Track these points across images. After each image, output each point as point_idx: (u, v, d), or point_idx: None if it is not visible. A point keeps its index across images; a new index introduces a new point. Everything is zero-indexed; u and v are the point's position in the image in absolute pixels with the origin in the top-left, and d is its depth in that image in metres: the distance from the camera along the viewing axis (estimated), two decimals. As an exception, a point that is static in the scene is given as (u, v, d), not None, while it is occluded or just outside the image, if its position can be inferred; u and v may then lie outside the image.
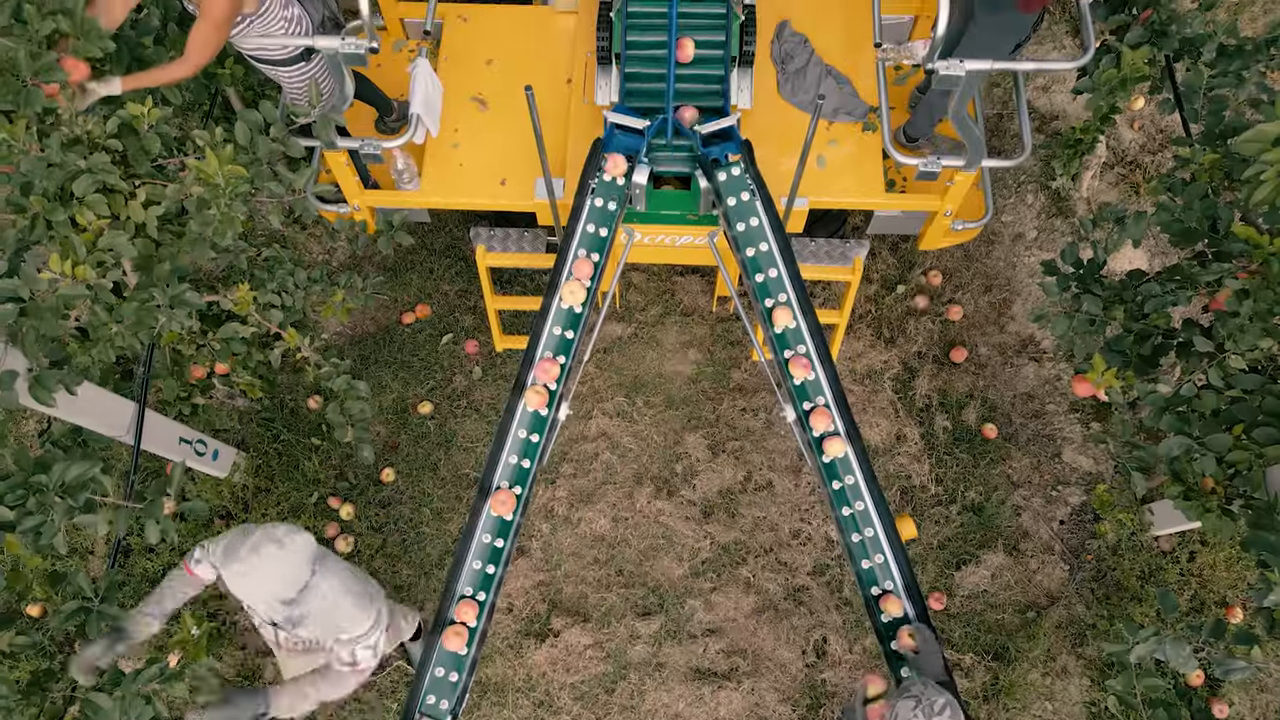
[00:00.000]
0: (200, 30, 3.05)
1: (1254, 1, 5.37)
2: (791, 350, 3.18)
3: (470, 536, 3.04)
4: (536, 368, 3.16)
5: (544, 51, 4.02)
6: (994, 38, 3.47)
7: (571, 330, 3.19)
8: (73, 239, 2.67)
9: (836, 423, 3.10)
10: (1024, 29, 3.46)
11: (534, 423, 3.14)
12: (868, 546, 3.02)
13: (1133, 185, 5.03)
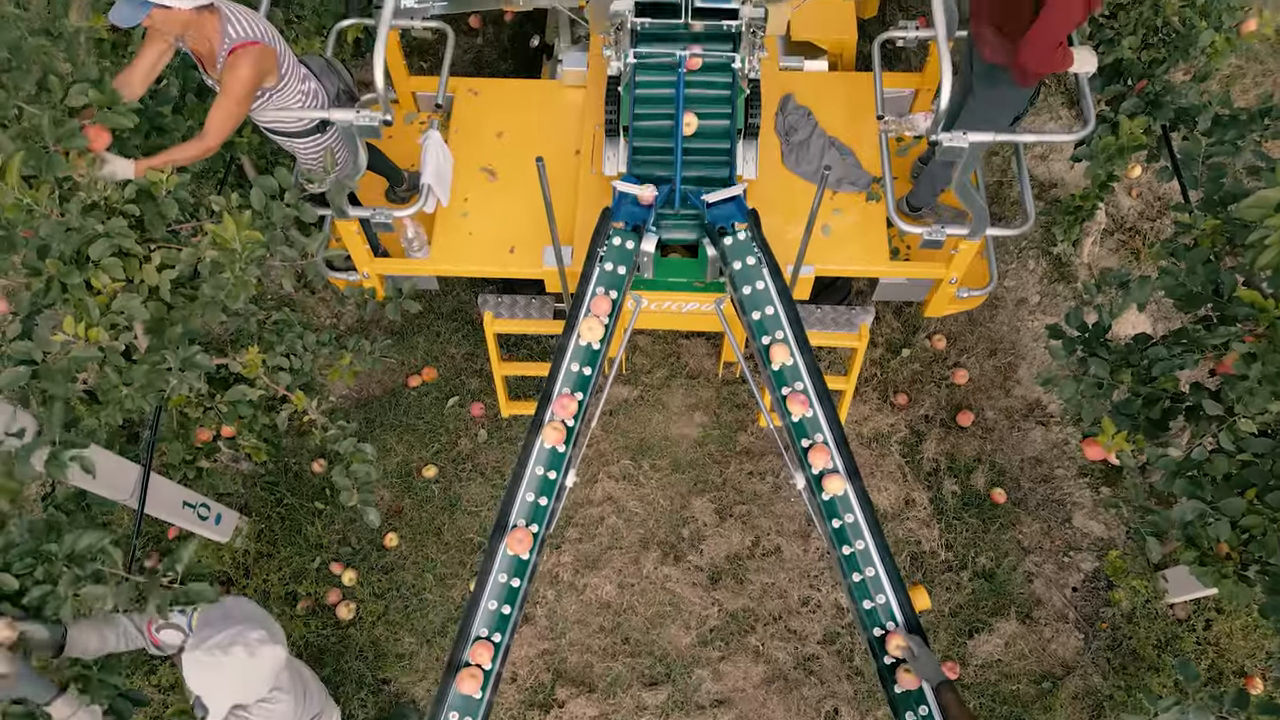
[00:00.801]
0: (221, 108, 3.09)
1: (1245, 74, 5.51)
2: (789, 387, 3.18)
3: (486, 576, 3.00)
4: (555, 403, 3.16)
5: (553, 124, 4.11)
6: (993, 111, 3.56)
7: (589, 367, 3.20)
8: (87, 302, 2.69)
9: (835, 460, 3.08)
10: (1021, 102, 3.54)
11: (552, 460, 3.12)
12: (869, 586, 2.98)
13: (1133, 251, 5.09)
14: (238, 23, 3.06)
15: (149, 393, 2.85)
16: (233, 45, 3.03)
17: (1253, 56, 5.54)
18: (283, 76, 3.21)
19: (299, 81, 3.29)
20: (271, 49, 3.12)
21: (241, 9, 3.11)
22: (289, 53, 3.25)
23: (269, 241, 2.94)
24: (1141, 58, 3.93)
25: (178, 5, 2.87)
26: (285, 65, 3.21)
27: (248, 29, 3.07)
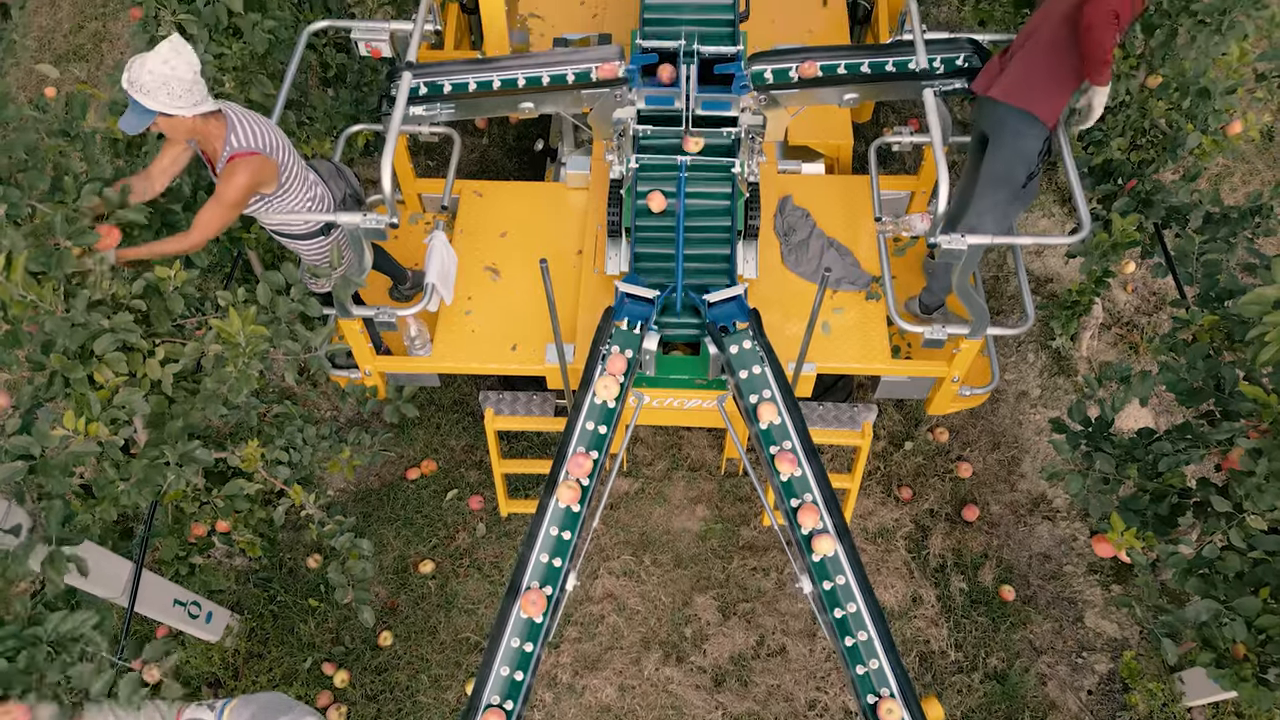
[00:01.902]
0: (210, 210, 3.12)
1: (1233, 173, 5.64)
2: (777, 446, 3.17)
3: (498, 641, 2.92)
4: (569, 462, 3.14)
5: (556, 224, 4.17)
6: (1008, 165, 3.57)
7: (605, 425, 3.21)
8: (89, 396, 2.68)
9: (825, 519, 3.04)
10: (1033, 156, 3.56)
11: (566, 519, 3.08)
12: (861, 651, 2.90)
13: (1131, 345, 5.11)
14: (242, 130, 3.11)
15: (146, 488, 2.82)
16: (231, 154, 3.08)
17: (1239, 156, 5.67)
18: (284, 184, 3.25)
19: (304, 188, 3.33)
20: (271, 161, 3.15)
21: (249, 116, 3.17)
22: (296, 160, 3.30)
23: (273, 336, 2.96)
24: (1131, 158, 4.03)
25: (180, 113, 2.93)
26: (288, 173, 3.25)
27: (249, 138, 3.11)
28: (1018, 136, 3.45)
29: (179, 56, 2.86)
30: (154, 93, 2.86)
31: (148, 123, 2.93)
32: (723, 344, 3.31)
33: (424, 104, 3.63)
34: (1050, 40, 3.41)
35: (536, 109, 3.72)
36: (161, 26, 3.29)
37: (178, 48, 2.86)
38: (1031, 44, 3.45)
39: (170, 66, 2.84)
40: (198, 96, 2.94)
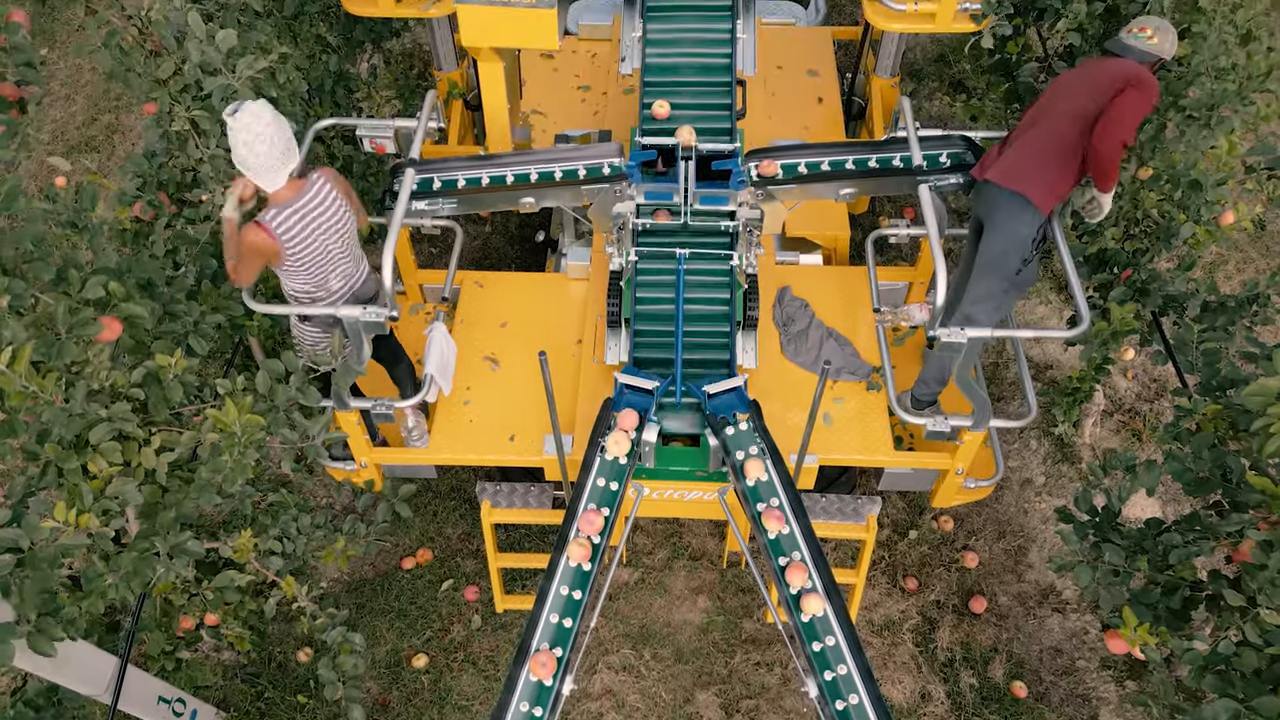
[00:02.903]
0: (238, 250, 3.28)
1: (1227, 261, 5.70)
2: (764, 503, 3.14)
3: (506, 708, 2.84)
4: (580, 519, 3.11)
5: (556, 314, 4.20)
6: (1004, 252, 3.58)
7: (616, 482, 3.21)
8: (81, 487, 2.65)
9: (813, 578, 3.01)
10: (1027, 243, 3.59)
11: (577, 579, 3.04)
12: (852, 715, 2.80)
13: (1134, 432, 5.09)
14: (280, 213, 3.22)
15: (135, 580, 2.76)
16: (259, 220, 3.21)
17: (1233, 245, 5.75)
18: (286, 269, 3.34)
19: (309, 283, 3.40)
20: (273, 249, 3.25)
21: (300, 208, 3.25)
22: (314, 261, 3.35)
23: (270, 425, 2.94)
24: (1125, 247, 4.08)
25: (265, 188, 3.17)
26: (294, 264, 3.33)
27: (278, 221, 3.22)
28: (1012, 220, 3.48)
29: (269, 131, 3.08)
30: (238, 150, 3.11)
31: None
32: (722, 435, 3.29)
33: (426, 199, 3.69)
34: (1051, 132, 3.47)
35: (537, 203, 3.78)
36: (175, 121, 3.37)
37: (272, 125, 3.07)
38: (1032, 133, 3.52)
39: (255, 136, 3.06)
40: (269, 165, 3.12)
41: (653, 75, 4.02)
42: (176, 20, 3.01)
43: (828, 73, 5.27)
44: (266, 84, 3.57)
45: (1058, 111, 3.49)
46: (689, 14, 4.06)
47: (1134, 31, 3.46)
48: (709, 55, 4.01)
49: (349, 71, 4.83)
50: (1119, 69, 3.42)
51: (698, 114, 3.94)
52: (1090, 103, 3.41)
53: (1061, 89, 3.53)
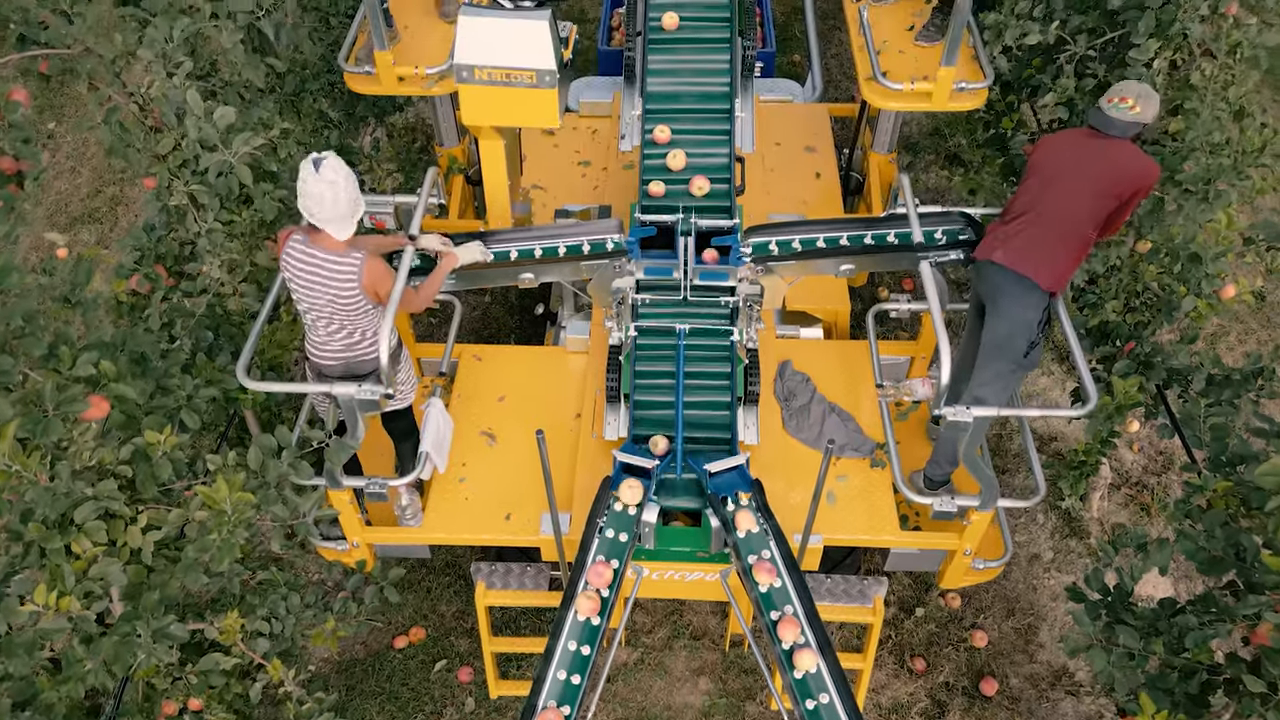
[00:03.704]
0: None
1: (1229, 332, 5.68)
2: (756, 555, 3.10)
3: None
4: (589, 571, 3.04)
5: (554, 388, 4.15)
6: (1010, 335, 3.54)
7: (625, 533, 3.18)
8: (64, 568, 2.58)
9: (806, 634, 2.93)
10: (1033, 326, 3.56)
11: (585, 634, 2.96)
12: None
13: (1142, 506, 5.00)
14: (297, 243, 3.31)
15: (116, 665, 2.66)
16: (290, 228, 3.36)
17: (1234, 316, 5.74)
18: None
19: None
20: (276, 251, 3.38)
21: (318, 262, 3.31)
22: (300, 309, 3.41)
23: (260, 501, 2.88)
24: (1126, 320, 4.06)
25: (304, 212, 3.24)
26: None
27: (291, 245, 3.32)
28: (1017, 304, 3.44)
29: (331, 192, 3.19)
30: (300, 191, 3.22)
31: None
32: (724, 515, 3.22)
33: (425, 276, 3.68)
34: (1056, 217, 3.43)
35: (537, 279, 3.77)
36: (173, 196, 3.38)
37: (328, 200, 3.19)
38: (1035, 216, 3.47)
39: (315, 194, 3.17)
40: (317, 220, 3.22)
41: (650, 150, 4.05)
42: (176, 97, 3.04)
43: (825, 149, 5.33)
44: (267, 158, 3.59)
45: (1061, 193, 3.46)
46: (688, 99, 4.11)
47: (1115, 102, 3.43)
48: (709, 133, 4.03)
49: (351, 145, 4.88)
50: (1126, 167, 3.42)
51: (696, 202, 3.94)
52: (1097, 201, 3.42)
53: (1062, 170, 3.49)
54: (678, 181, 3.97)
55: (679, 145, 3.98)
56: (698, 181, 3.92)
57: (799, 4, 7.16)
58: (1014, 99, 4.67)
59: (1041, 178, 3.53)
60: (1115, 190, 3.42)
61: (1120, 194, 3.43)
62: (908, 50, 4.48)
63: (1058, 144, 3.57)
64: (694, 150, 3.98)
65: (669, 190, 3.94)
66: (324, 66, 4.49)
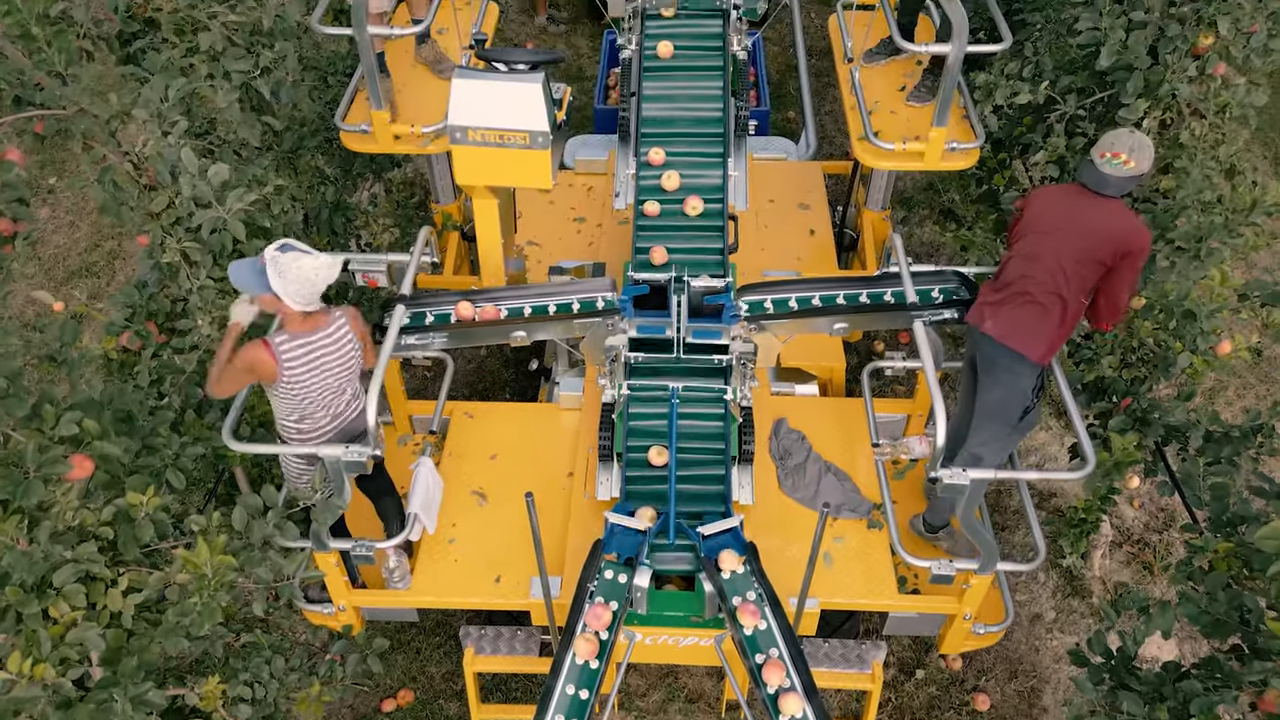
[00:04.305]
0: (221, 367, 3.22)
1: (1227, 387, 5.66)
2: (740, 598, 3.04)
3: None
4: (587, 614, 2.98)
5: (547, 446, 4.11)
6: (1003, 403, 3.52)
7: (625, 575, 3.15)
8: (40, 633, 2.51)
9: (792, 677, 2.88)
10: (1028, 392, 3.53)
11: (583, 677, 2.89)
12: None
13: (1144, 564, 4.93)
14: (289, 338, 3.19)
15: (89, 735, 2.58)
16: (265, 339, 3.20)
17: (1232, 371, 5.72)
18: (276, 393, 3.29)
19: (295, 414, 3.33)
20: (269, 370, 3.18)
21: (313, 337, 3.22)
22: (305, 395, 3.28)
23: (244, 563, 2.83)
24: (1123, 375, 4.04)
25: (290, 305, 3.12)
26: (285, 393, 3.26)
27: (286, 346, 3.18)
28: (1010, 374, 3.42)
29: (327, 272, 3.12)
30: (287, 280, 3.06)
31: (258, 293, 3.12)
32: (718, 580, 3.15)
33: (416, 333, 3.67)
34: (1047, 285, 3.36)
35: (529, 337, 3.75)
36: (166, 252, 3.38)
37: (332, 267, 3.13)
38: (1027, 283, 3.39)
39: (315, 274, 3.08)
40: (311, 302, 3.15)
41: (646, 172, 4.08)
42: (170, 155, 3.05)
43: (819, 206, 5.37)
44: (261, 214, 3.60)
45: (1049, 262, 3.37)
46: (681, 123, 4.14)
47: (1107, 157, 3.28)
48: (702, 155, 4.07)
49: (347, 201, 4.91)
50: (1111, 229, 3.30)
51: (690, 248, 3.94)
52: (1084, 268, 3.33)
53: (1051, 234, 3.40)
54: (672, 201, 4.00)
55: (673, 167, 4.03)
56: (691, 201, 3.96)
57: (794, 63, 7.28)
58: (1005, 156, 4.71)
59: (1030, 241, 3.44)
60: (1099, 255, 3.31)
61: (1104, 259, 3.31)
62: (899, 110, 4.53)
63: (1048, 203, 3.47)
64: (687, 171, 4.03)
65: (663, 210, 3.98)
66: (321, 123, 4.54)
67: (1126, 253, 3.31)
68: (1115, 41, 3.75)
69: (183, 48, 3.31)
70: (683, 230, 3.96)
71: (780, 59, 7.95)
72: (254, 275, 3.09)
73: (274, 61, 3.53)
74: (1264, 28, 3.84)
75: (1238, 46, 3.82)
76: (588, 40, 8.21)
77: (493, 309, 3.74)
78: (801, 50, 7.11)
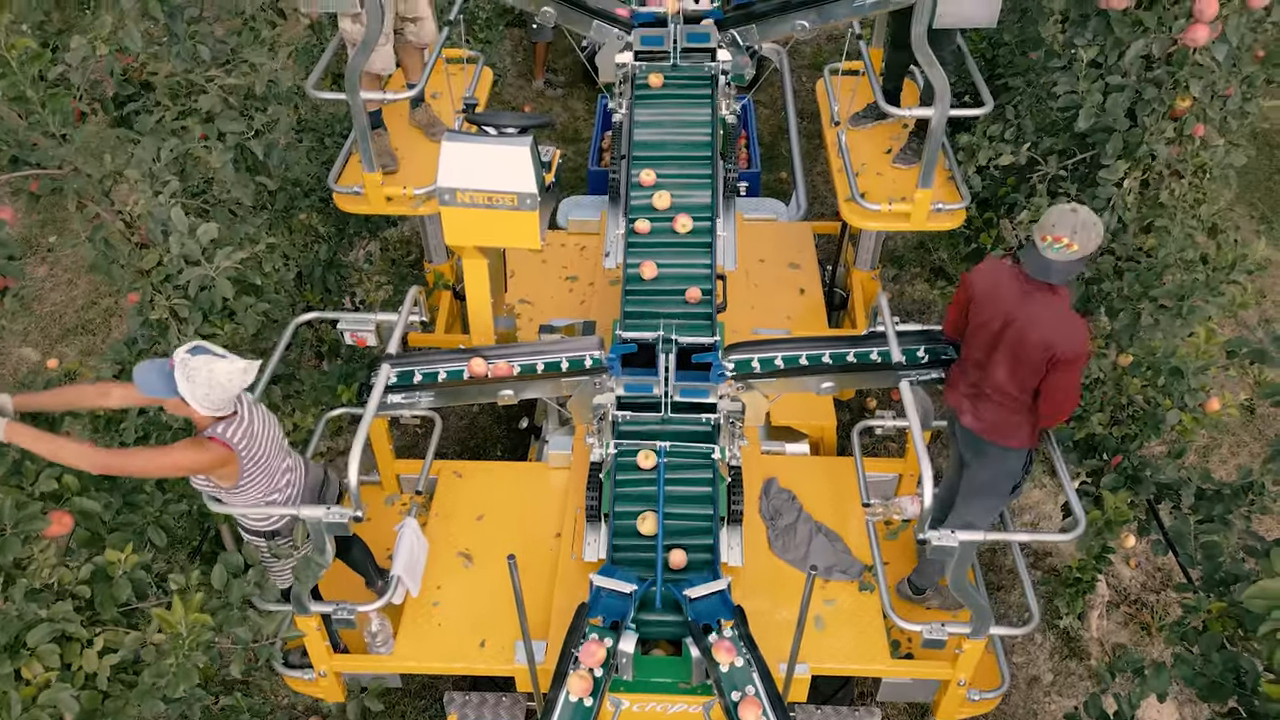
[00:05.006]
0: (148, 457, 3.01)
1: (1220, 445, 5.64)
2: (739, 691, 2.99)
3: None
4: (581, 651, 2.93)
5: (535, 506, 4.06)
6: (991, 483, 3.52)
7: (610, 639, 3.11)
8: (11, 695, 2.47)
9: (768, 715, 2.85)
10: (1018, 471, 3.51)
11: (577, 715, 2.86)
12: None
13: (1142, 625, 4.86)
14: (236, 426, 3.06)
15: (57, 804, 2.52)
16: (211, 435, 3.03)
17: (1226, 429, 5.70)
18: (241, 485, 3.16)
19: (267, 485, 3.23)
20: (234, 465, 3.07)
21: (253, 414, 3.15)
22: (271, 460, 3.20)
23: (222, 623, 2.78)
24: (1113, 432, 4.03)
25: (199, 410, 2.94)
26: (251, 475, 3.16)
27: (235, 434, 3.05)
28: (1001, 459, 3.44)
29: (241, 378, 2.93)
30: (196, 385, 2.89)
31: (166, 398, 2.94)
32: (705, 645, 3.10)
33: (403, 392, 3.66)
34: (1016, 379, 3.26)
35: (516, 396, 3.75)
36: (155, 310, 3.40)
37: (246, 371, 2.94)
38: (987, 381, 3.33)
39: (228, 379, 2.91)
40: (223, 408, 2.98)
41: (637, 192, 4.13)
42: (160, 214, 3.09)
43: (809, 265, 5.42)
44: (252, 272, 3.64)
45: (997, 362, 3.28)
46: (671, 146, 4.21)
47: (1049, 241, 3.06)
48: (691, 176, 4.14)
49: (341, 260, 4.96)
50: (1045, 339, 3.12)
51: (678, 309, 3.96)
52: (1025, 371, 3.21)
53: (994, 329, 3.25)
54: (662, 219, 4.06)
55: (663, 187, 4.10)
56: (681, 219, 4.02)
57: (785, 124, 7.42)
58: (992, 215, 4.77)
59: (979, 337, 3.32)
60: (1032, 360, 3.17)
61: (1036, 366, 3.17)
62: (886, 172, 4.61)
63: (989, 290, 3.28)
64: (678, 191, 4.10)
65: (654, 228, 4.04)
66: (316, 183, 4.61)
67: (1057, 361, 3.13)
68: (1093, 105, 3.82)
69: (175, 110, 3.38)
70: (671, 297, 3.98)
71: (772, 121, 8.10)
72: (161, 378, 2.90)
73: (267, 124, 3.61)
74: (1239, 91, 3.93)
75: (1214, 109, 3.90)
76: (584, 103, 8.37)
77: (506, 366, 3.73)
78: (792, 113, 7.26)
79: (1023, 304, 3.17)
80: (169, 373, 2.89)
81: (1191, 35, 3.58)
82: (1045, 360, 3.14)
